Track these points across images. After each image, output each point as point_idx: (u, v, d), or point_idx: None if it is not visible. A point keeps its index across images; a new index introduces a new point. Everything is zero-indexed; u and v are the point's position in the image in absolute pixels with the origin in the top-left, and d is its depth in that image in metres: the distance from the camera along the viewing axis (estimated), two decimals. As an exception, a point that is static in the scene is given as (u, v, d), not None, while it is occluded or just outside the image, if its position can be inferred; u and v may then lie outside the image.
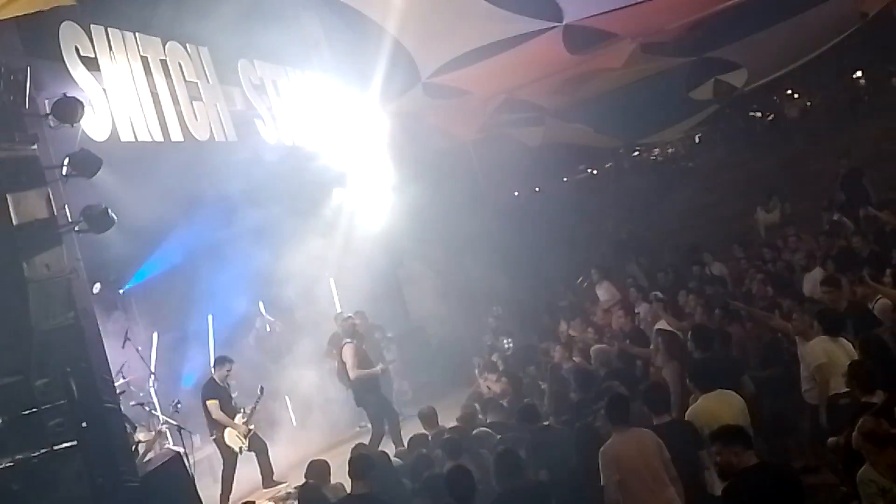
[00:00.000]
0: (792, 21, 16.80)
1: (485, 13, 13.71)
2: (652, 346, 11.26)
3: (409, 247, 18.42)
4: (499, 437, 9.54)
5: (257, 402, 13.01)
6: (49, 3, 8.67)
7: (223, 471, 12.31)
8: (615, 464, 7.20)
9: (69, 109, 8.74)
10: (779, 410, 9.53)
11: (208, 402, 12.38)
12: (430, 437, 10.17)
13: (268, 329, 16.42)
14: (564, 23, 13.97)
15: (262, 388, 13.37)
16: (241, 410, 12.62)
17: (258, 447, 12.65)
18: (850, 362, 8.35)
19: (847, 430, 6.70)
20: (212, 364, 13.19)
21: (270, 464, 12.71)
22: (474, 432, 9.92)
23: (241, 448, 12.37)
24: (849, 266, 11.75)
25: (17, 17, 8.35)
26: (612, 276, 17.90)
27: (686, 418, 8.10)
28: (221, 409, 12.38)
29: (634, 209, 22.61)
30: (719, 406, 7.95)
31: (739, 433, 6.51)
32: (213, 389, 12.54)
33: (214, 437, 12.42)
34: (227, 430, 12.32)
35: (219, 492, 12.17)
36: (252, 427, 12.62)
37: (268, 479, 12.53)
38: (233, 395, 13.04)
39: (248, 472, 12.78)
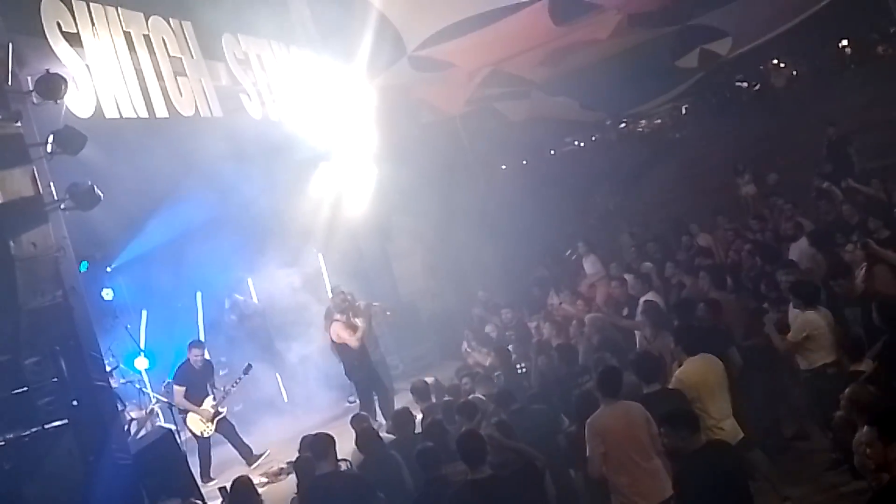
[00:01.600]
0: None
1: (471, -16, 13.66)
2: (639, 318, 11.31)
3: (398, 221, 18.41)
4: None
5: (236, 382, 13.03)
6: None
7: (198, 451, 12.39)
8: (601, 436, 7.22)
9: (52, 86, 8.63)
10: (768, 379, 9.58)
11: (175, 388, 12.47)
12: (419, 411, 10.23)
13: (244, 306, 16.43)
14: (551, -6, 13.93)
15: (248, 367, 13.36)
16: (213, 393, 12.61)
17: (226, 431, 12.67)
18: (838, 332, 8.48)
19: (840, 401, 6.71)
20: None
21: (244, 442, 12.73)
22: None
23: (202, 432, 12.38)
24: (834, 236, 11.84)
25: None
26: (600, 248, 17.93)
27: (672, 383, 8.15)
28: (190, 393, 12.43)
29: (622, 181, 22.64)
30: (704, 368, 8.04)
31: (686, 418, 6.62)
32: (184, 374, 12.60)
33: (182, 420, 12.47)
34: (189, 415, 12.36)
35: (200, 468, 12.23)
36: (223, 410, 12.63)
37: (248, 457, 12.56)
38: (218, 375, 13.03)
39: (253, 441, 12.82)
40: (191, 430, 12.41)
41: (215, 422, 12.49)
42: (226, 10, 12.52)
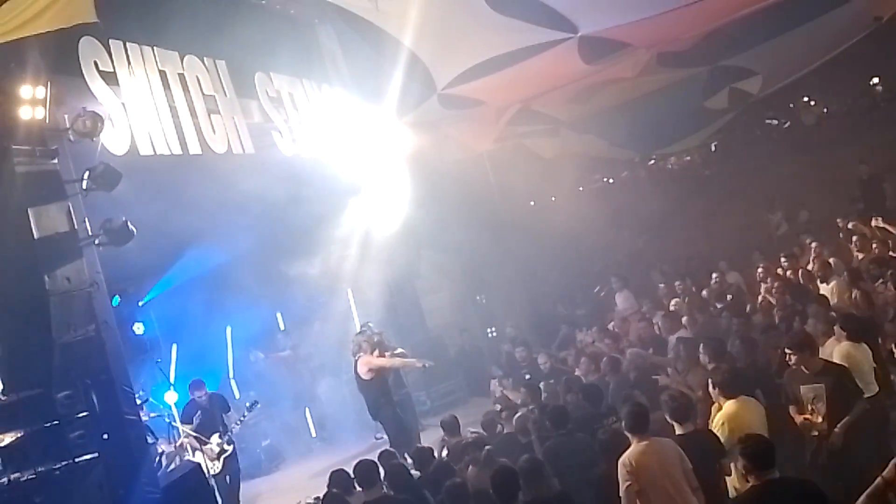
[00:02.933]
0: (805, 26, 16.79)
1: (500, 25, 13.73)
2: (672, 355, 11.25)
3: (426, 257, 18.44)
4: (524, 442, 9.54)
5: (241, 419, 12.96)
6: (72, 21, 8.76)
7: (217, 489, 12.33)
8: (634, 474, 7.15)
9: (89, 124, 8.81)
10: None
11: (181, 428, 12.43)
12: (444, 448, 10.21)
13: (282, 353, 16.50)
14: (580, 34, 13.98)
15: (254, 404, 13.27)
16: (219, 431, 12.59)
17: (231, 472, 12.59)
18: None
19: None
20: (230, 375, 13.22)
21: (238, 496, 12.66)
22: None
23: (209, 469, 12.32)
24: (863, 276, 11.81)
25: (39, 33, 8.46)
26: (631, 284, 17.88)
27: (713, 425, 8.09)
28: (199, 430, 12.38)
29: (651, 218, 22.57)
30: (747, 411, 7.97)
31: (769, 454, 6.31)
32: (189, 413, 12.61)
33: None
34: (196, 454, 12.33)
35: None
36: (229, 448, 12.57)
37: None
38: (221, 414, 12.96)
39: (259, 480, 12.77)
40: None
41: (222, 460, 12.42)
42: (259, 49, 12.74)
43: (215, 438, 12.45)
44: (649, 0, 13.76)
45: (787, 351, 8.52)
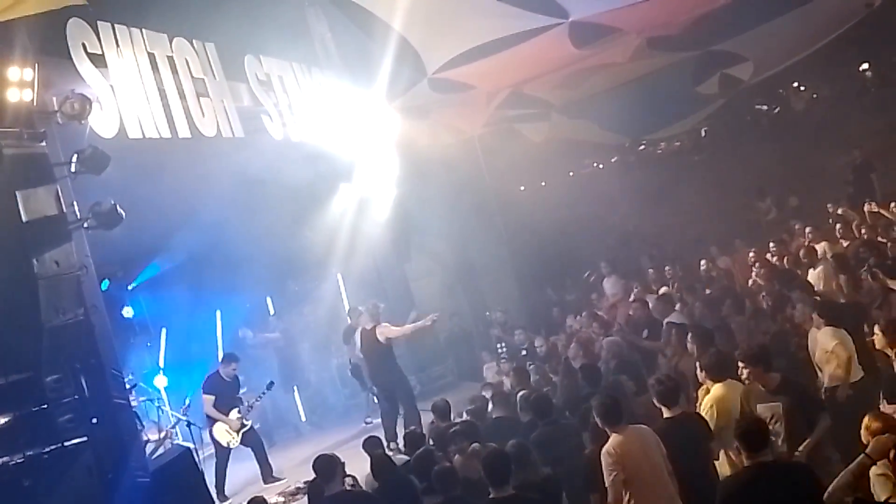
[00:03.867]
0: (796, 12, 16.79)
1: (491, 10, 13.69)
2: (663, 339, 11.30)
3: (417, 242, 18.43)
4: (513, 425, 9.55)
5: (259, 397, 13.07)
6: (61, 2, 8.71)
7: (216, 463, 12.35)
8: (620, 463, 7.15)
9: (77, 106, 8.78)
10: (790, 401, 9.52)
11: (204, 397, 12.47)
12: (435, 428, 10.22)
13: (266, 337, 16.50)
14: (571, 19, 13.96)
15: (270, 384, 13.43)
16: (239, 406, 12.63)
17: (253, 443, 12.67)
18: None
19: None
20: (219, 359, 13.24)
21: (268, 460, 12.74)
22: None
23: (229, 443, 12.39)
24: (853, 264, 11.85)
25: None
26: (620, 269, 17.92)
27: (703, 409, 8.11)
28: (218, 404, 12.43)
29: (641, 203, 22.60)
30: (734, 395, 7.98)
31: (762, 436, 6.29)
32: (214, 384, 12.60)
33: (208, 430, 12.49)
34: (217, 425, 12.37)
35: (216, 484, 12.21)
36: (249, 422, 12.64)
37: (267, 475, 12.55)
38: (242, 390, 13.07)
39: (251, 466, 12.81)
40: (216, 440, 12.39)
41: (240, 434, 12.51)
42: (248, 32, 12.67)
43: (234, 413, 12.48)
44: (640, -16, 13.75)
45: (739, 364, 7.96)
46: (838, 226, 14.36)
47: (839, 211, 15.41)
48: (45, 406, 8.18)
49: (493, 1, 13.56)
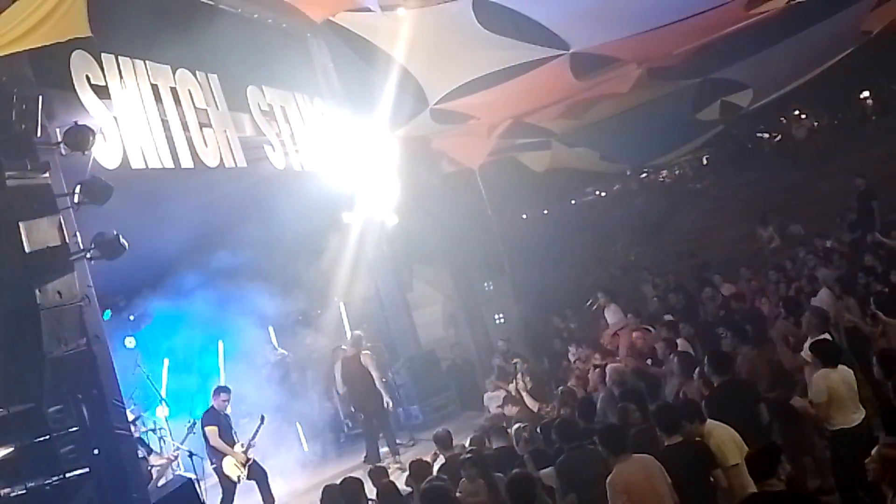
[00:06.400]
0: (793, 39, 16.88)
1: (492, 42, 13.80)
2: (665, 367, 11.26)
3: (418, 271, 18.44)
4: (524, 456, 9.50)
5: (257, 430, 12.92)
6: (66, 35, 8.74)
7: (221, 500, 12.20)
8: (626, 493, 7.10)
9: (80, 137, 8.81)
10: (793, 432, 9.47)
11: (207, 429, 12.25)
12: (432, 462, 10.16)
13: (275, 358, 16.40)
14: (571, 51, 14.05)
15: (262, 417, 13.27)
16: (240, 441, 12.52)
17: (258, 476, 12.55)
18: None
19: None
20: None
21: (271, 492, 12.63)
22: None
23: (239, 477, 12.27)
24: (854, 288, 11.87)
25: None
26: (622, 298, 17.87)
27: (706, 438, 8.04)
28: (220, 437, 12.36)
29: (643, 231, 22.63)
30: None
31: (771, 463, 6.26)
32: (212, 417, 12.42)
33: (214, 465, 12.34)
34: (226, 459, 12.20)
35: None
36: (252, 457, 12.54)
37: None
38: (232, 425, 12.95)
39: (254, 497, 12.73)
40: (226, 475, 12.26)
41: (247, 467, 12.41)
42: (251, 63, 12.77)
43: (238, 447, 12.35)
44: (639, 17, 13.82)
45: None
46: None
47: (827, 244, 15.49)
48: (47, 437, 8.16)
49: (494, 34, 13.66)
